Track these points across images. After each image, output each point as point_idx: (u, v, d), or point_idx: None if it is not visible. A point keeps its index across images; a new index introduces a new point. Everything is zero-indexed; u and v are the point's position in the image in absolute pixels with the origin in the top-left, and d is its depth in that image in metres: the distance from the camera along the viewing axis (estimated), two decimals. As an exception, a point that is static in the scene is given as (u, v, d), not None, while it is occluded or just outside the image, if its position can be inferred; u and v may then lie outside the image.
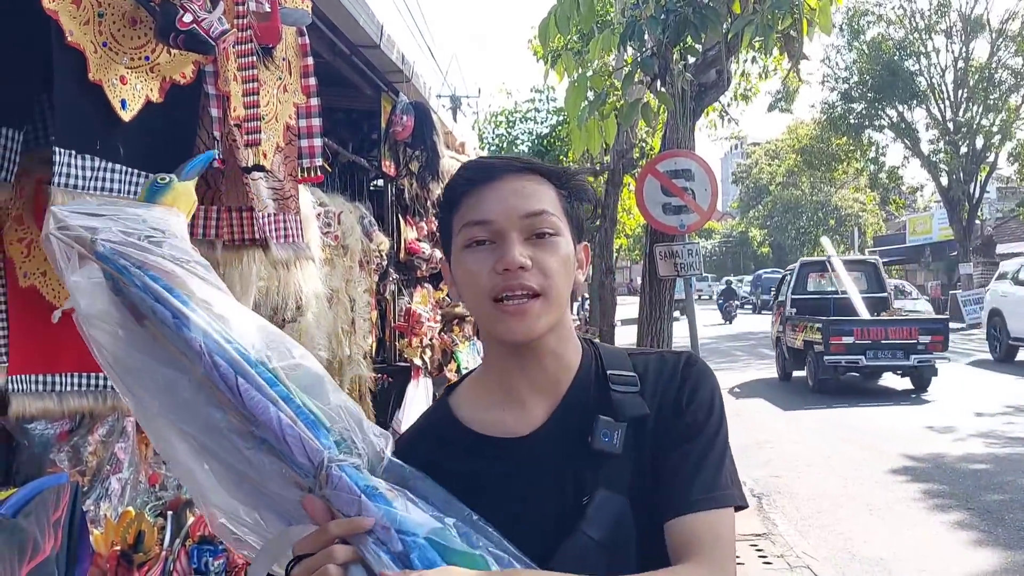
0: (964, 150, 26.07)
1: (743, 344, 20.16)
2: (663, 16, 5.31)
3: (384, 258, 4.85)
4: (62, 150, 1.62)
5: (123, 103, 1.70)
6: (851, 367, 11.43)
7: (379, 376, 4.74)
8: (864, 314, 12.00)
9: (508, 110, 19.54)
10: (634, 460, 1.10)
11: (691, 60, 6.24)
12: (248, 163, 2.14)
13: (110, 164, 1.73)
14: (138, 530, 2.11)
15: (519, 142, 19.04)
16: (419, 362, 5.15)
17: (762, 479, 7.05)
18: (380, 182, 5.44)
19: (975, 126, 25.94)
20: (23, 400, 1.96)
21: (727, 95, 9.72)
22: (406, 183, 5.25)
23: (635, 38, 5.38)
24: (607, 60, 7.51)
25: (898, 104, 27.11)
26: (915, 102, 27.06)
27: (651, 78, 6.19)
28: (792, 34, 6.12)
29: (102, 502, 2.34)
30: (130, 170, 1.79)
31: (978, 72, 25.85)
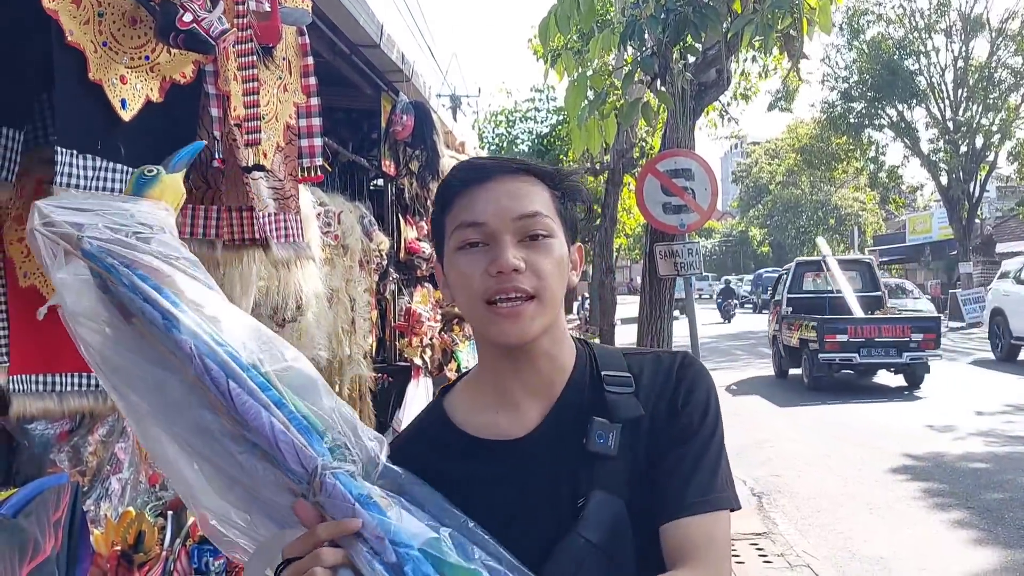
0: (964, 149, 26.05)
1: (743, 343, 20.15)
2: (663, 15, 5.32)
3: (384, 258, 4.85)
4: (64, 150, 1.62)
5: (123, 103, 1.70)
6: (845, 364, 11.54)
7: (379, 376, 4.74)
8: (858, 313, 12.12)
9: (508, 109, 19.57)
10: (629, 461, 1.09)
11: (691, 59, 6.24)
12: (248, 163, 2.14)
13: (111, 164, 1.73)
14: (138, 530, 2.10)
15: (519, 142, 19.05)
16: (419, 362, 5.15)
17: (762, 478, 7.05)
18: (380, 182, 5.44)
19: (975, 125, 25.91)
20: (23, 400, 1.96)
21: (727, 94, 9.70)
22: (406, 183, 5.25)
23: (635, 37, 5.38)
24: (607, 59, 7.51)
25: (898, 103, 27.09)
26: (915, 101, 27.04)
27: (651, 77, 6.20)
28: (792, 33, 6.13)
29: (102, 502, 2.35)
30: (131, 170, 1.78)
31: (978, 71, 25.82)
